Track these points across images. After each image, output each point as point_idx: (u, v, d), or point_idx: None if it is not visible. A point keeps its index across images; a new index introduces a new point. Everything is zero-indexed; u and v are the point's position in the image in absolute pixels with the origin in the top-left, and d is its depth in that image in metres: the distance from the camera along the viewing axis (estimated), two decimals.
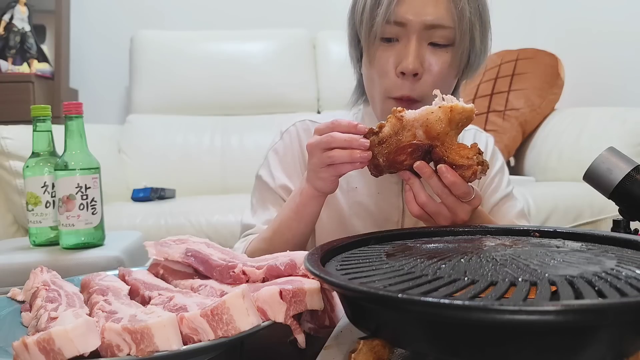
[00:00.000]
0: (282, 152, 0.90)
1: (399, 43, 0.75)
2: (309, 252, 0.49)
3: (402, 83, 0.75)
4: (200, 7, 2.48)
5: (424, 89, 0.76)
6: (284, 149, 0.90)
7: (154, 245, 0.63)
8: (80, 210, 0.92)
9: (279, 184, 0.87)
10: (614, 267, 0.40)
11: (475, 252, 0.46)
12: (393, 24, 0.74)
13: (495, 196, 0.89)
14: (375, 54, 0.77)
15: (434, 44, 0.75)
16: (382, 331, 0.40)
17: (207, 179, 2.04)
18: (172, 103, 2.21)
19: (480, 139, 0.93)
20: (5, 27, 2.23)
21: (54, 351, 0.39)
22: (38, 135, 0.99)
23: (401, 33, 0.75)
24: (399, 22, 0.74)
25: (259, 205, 0.89)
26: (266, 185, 0.88)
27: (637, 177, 0.64)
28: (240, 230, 0.90)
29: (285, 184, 0.87)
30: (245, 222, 0.89)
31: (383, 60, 0.77)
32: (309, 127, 0.90)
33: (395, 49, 0.76)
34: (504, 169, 0.93)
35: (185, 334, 0.42)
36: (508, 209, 0.89)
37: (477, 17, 0.77)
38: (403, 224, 0.85)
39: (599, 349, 0.33)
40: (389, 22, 0.74)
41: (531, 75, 2.01)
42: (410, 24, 0.73)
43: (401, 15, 0.73)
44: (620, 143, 1.55)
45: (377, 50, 0.77)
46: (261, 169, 0.91)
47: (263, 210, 0.88)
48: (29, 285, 0.59)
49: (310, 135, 0.88)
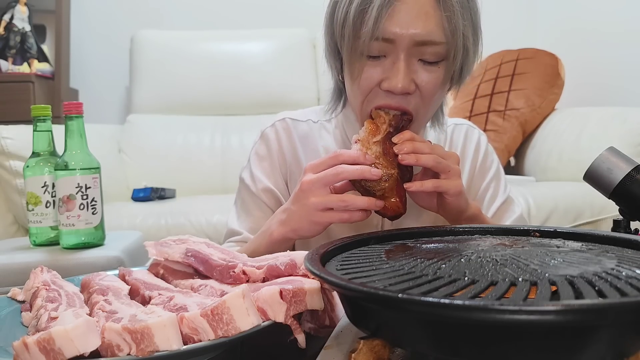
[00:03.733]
0: (263, 153, 0.89)
1: (386, 59, 0.69)
2: (309, 252, 0.49)
3: (392, 97, 0.70)
4: (200, 7, 2.48)
5: (416, 103, 0.70)
6: (265, 150, 0.89)
7: (154, 245, 0.63)
8: (81, 210, 0.92)
9: (261, 187, 0.86)
10: (614, 267, 0.40)
11: (476, 252, 0.46)
12: (381, 41, 0.67)
13: (495, 204, 0.87)
14: (360, 71, 0.70)
15: (425, 60, 0.68)
16: (382, 331, 0.40)
17: (207, 179, 2.04)
18: (172, 103, 2.21)
19: (472, 135, 0.90)
20: (6, 27, 2.23)
21: (54, 351, 0.39)
22: (38, 135, 0.99)
23: (389, 49, 0.68)
24: (387, 38, 0.66)
25: (243, 210, 0.89)
26: (248, 189, 0.88)
27: (637, 177, 0.64)
28: (225, 234, 0.90)
29: (266, 186, 0.86)
30: (231, 227, 0.88)
31: (369, 77, 0.70)
32: (288, 126, 0.89)
33: (382, 66, 0.69)
34: (500, 172, 0.90)
35: (185, 334, 0.42)
36: (508, 215, 0.87)
37: (470, 27, 0.70)
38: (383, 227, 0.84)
39: (599, 349, 0.33)
40: (377, 39, 0.66)
41: (531, 75, 2.01)
42: (399, 40, 0.66)
43: (389, 31, 0.66)
44: (620, 143, 1.54)
45: (363, 67, 0.70)
46: (244, 172, 0.90)
47: (247, 216, 0.88)
48: (29, 285, 0.59)
49: (289, 135, 0.88)
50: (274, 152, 0.88)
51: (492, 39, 2.51)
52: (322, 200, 0.65)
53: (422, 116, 0.73)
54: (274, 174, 0.88)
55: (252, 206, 0.87)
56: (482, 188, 0.88)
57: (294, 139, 0.88)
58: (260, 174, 0.87)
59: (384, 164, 0.66)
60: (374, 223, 0.84)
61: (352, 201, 0.65)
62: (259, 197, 0.86)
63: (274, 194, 0.86)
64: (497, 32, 2.54)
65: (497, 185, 0.89)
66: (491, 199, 0.88)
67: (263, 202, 0.86)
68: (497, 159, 0.92)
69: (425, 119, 0.76)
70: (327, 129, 0.89)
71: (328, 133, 0.89)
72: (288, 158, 0.88)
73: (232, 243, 0.87)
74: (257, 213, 0.87)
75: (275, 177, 0.88)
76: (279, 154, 0.88)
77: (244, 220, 0.88)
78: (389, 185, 0.66)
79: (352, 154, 0.66)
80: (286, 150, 0.88)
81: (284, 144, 0.88)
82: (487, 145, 0.91)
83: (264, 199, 0.86)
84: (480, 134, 0.92)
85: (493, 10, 2.60)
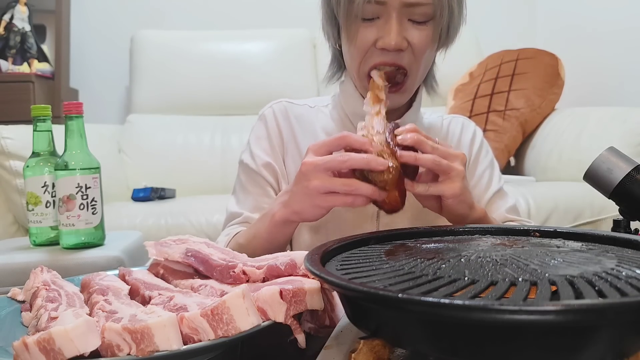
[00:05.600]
0: (261, 133, 0.90)
1: (379, 20, 0.76)
2: (309, 252, 0.49)
3: (386, 54, 0.76)
4: (200, 7, 2.48)
5: (409, 59, 0.77)
6: (264, 130, 0.91)
7: (154, 245, 0.63)
8: (81, 210, 0.92)
9: (261, 162, 0.87)
10: (614, 267, 0.40)
11: (476, 252, 0.46)
12: (373, 3, 0.74)
13: (488, 193, 0.89)
14: (356, 32, 0.77)
15: (414, 20, 0.76)
16: (382, 331, 0.40)
17: (207, 179, 2.04)
18: (172, 103, 2.21)
19: (468, 127, 0.94)
20: (6, 27, 2.23)
21: (54, 351, 0.39)
22: (38, 135, 0.99)
23: (381, 11, 0.75)
24: (379, 1, 0.74)
25: (242, 191, 0.89)
26: (248, 167, 0.88)
27: (637, 177, 0.64)
28: (226, 218, 0.89)
29: (267, 161, 0.87)
30: (231, 210, 0.88)
31: (364, 38, 0.77)
32: (285, 108, 0.91)
33: (376, 26, 0.76)
34: (494, 164, 0.92)
35: (185, 334, 0.42)
36: (500, 204, 0.89)
37: None
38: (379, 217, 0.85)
39: (599, 349, 0.33)
40: (369, 2, 0.74)
41: (531, 75, 2.01)
42: (390, 2, 0.74)
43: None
44: (620, 143, 1.54)
45: (358, 28, 0.77)
46: (243, 154, 0.91)
47: (246, 196, 0.88)
48: (29, 285, 0.59)
49: (286, 115, 0.90)
50: (271, 131, 0.90)
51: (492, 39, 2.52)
52: (325, 183, 0.64)
53: (415, 72, 0.79)
54: (273, 152, 0.89)
55: (251, 185, 0.88)
56: (477, 176, 0.90)
57: (290, 119, 0.91)
58: (260, 152, 0.89)
59: (388, 154, 0.64)
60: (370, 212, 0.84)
61: (357, 187, 0.64)
62: (259, 173, 0.87)
63: (273, 169, 0.87)
64: (497, 32, 2.56)
65: (491, 174, 0.91)
66: (486, 187, 0.89)
67: (263, 178, 0.87)
68: (492, 153, 0.94)
69: (418, 75, 0.81)
70: (324, 113, 0.92)
71: (325, 115, 0.91)
72: (285, 136, 0.90)
73: (235, 225, 0.86)
74: (257, 190, 0.87)
75: (275, 155, 0.89)
76: (277, 133, 0.90)
77: (244, 200, 0.88)
78: (391, 178, 0.63)
79: (359, 138, 0.65)
80: (283, 129, 0.90)
81: (281, 123, 0.90)
82: (483, 139, 0.94)
83: (265, 173, 0.87)
84: (475, 127, 0.95)
85: (493, 10, 2.61)
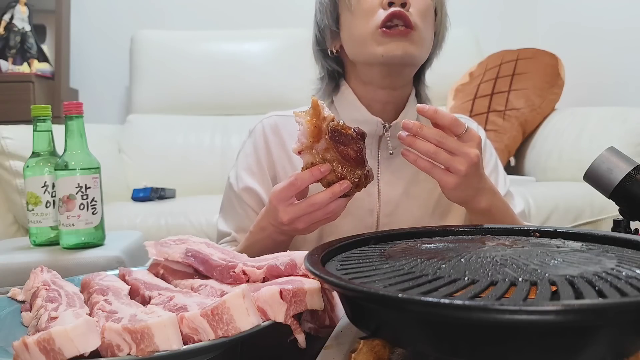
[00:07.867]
0: (249, 150, 0.91)
1: None
2: (309, 252, 0.49)
3: (392, 12, 0.77)
4: (201, 7, 2.48)
5: (414, 18, 0.78)
6: (251, 147, 0.91)
7: (154, 245, 0.63)
8: (81, 210, 0.92)
9: (242, 186, 0.88)
10: (614, 267, 0.40)
11: (475, 252, 0.46)
12: None
13: None
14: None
15: None
16: (382, 331, 0.40)
17: (207, 179, 2.04)
18: (172, 103, 2.21)
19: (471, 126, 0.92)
20: (6, 27, 2.23)
21: (54, 351, 0.39)
22: (38, 135, 0.99)
23: None
24: None
25: (229, 210, 0.91)
26: (231, 188, 0.90)
27: (637, 177, 0.64)
28: (217, 236, 0.92)
29: (247, 185, 0.88)
30: (220, 229, 0.91)
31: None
32: (276, 123, 0.91)
33: None
34: (498, 166, 0.92)
35: (185, 334, 0.42)
36: None
37: None
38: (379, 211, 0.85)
39: (599, 349, 0.33)
40: None
41: (531, 75, 2.00)
42: None
43: None
44: (620, 143, 1.54)
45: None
46: (231, 172, 0.92)
47: (232, 216, 0.90)
48: (29, 285, 0.59)
49: (276, 130, 0.90)
50: (260, 148, 0.90)
51: (492, 39, 2.51)
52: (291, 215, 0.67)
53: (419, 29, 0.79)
54: (259, 169, 0.89)
55: (236, 205, 0.89)
56: None
57: (281, 133, 0.90)
58: (244, 173, 0.89)
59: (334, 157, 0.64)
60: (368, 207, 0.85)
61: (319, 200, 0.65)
62: (240, 196, 0.88)
63: (254, 193, 0.88)
64: (497, 32, 2.56)
65: (496, 178, 0.90)
66: None
67: (244, 202, 0.88)
68: (496, 154, 0.94)
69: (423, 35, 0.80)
70: None
71: None
72: (275, 153, 0.89)
73: (226, 244, 0.88)
74: (240, 211, 0.89)
75: (262, 172, 0.89)
76: (264, 151, 0.90)
77: (230, 220, 0.90)
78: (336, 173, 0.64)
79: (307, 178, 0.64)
80: (273, 145, 0.90)
81: (271, 139, 0.90)
82: (486, 140, 0.93)
83: (245, 197, 0.88)
84: (478, 127, 0.94)
85: (493, 10, 2.61)
